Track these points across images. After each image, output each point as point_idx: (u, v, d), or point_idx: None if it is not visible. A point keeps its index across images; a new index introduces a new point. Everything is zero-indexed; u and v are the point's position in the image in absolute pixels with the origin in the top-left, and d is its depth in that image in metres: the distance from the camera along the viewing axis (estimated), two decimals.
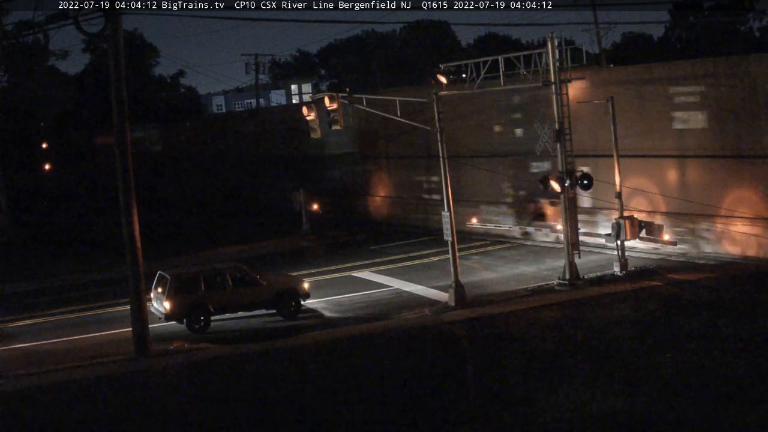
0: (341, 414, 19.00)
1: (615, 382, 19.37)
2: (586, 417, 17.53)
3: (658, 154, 34.24)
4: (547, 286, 30.34)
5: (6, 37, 50.36)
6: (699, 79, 32.98)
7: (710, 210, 32.47)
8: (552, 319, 25.60)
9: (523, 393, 19.31)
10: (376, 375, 22.03)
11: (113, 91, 24.81)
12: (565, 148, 29.74)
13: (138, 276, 25.33)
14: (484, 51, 61.97)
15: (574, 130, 30.78)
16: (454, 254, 28.83)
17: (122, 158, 24.97)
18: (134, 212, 25.14)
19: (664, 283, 29.20)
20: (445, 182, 29.12)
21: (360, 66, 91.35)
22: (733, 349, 21.21)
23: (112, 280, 36.49)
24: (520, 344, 23.49)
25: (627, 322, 24.64)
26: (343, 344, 25.12)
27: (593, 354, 21.94)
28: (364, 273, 35.79)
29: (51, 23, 25.93)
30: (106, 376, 23.54)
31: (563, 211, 30.21)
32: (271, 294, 28.73)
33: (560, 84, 29.73)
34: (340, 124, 29.76)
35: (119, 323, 28.90)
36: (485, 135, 41.96)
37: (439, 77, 31.68)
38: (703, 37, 71.79)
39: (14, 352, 27.23)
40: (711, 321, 23.98)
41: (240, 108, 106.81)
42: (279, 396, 20.73)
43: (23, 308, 33.55)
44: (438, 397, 19.62)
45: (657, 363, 20.62)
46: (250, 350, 25.30)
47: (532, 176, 37.39)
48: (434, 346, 24.39)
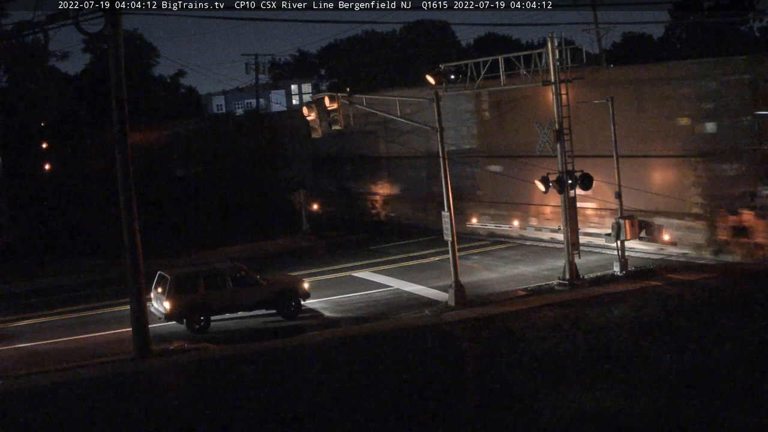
0: (341, 414, 19.00)
1: (615, 382, 19.38)
2: (586, 417, 17.54)
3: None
4: (547, 286, 30.36)
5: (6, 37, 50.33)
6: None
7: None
8: (552, 319, 25.61)
9: (523, 393, 19.31)
10: (376, 375, 22.03)
11: (113, 91, 24.81)
12: (565, 148, 29.80)
13: (138, 276, 25.32)
14: (484, 51, 61.95)
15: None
16: (454, 254, 28.84)
17: (122, 158, 24.97)
18: (134, 212, 25.14)
19: (664, 283, 29.21)
20: (445, 182, 29.12)
21: (360, 66, 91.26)
22: (733, 349, 21.23)
23: (112, 280, 36.51)
24: (520, 344, 23.50)
25: (627, 322, 24.66)
26: (343, 344, 25.12)
27: (593, 354, 21.95)
28: (364, 273, 35.80)
29: (51, 23, 25.87)
30: (106, 376, 23.55)
31: (563, 211, 30.22)
32: (271, 294, 28.74)
33: (560, 84, 29.77)
34: (340, 124, 29.78)
35: (119, 323, 28.91)
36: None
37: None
38: (703, 37, 71.74)
39: (14, 352, 27.24)
40: (711, 321, 24.01)
41: (240, 108, 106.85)
42: (279, 396, 20.74)
43: (23, 308, 33.56)
44: (438, 397, 19.63)
45: (657, 363, 20.63)
46: (250, 350, 25.30)
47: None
48: (434, 346, 24.39)
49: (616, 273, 30.84)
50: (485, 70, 31.50)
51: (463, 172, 41.53)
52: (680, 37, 78.72)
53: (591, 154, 33.88)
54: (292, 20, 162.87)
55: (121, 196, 25.11)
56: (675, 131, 33.68)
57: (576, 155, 30.54)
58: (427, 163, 43.40)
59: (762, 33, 73.87)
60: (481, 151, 42.35)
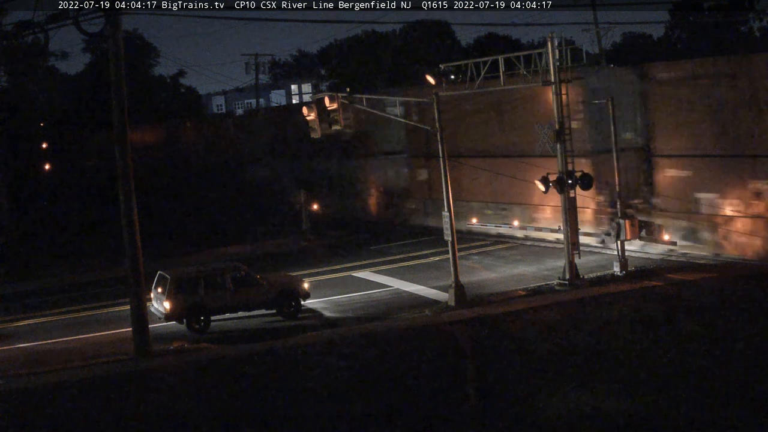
0: (341, 414, 19.00)
1: (615, 382, 19.38)
2: (586, 417, 17.53)
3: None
4: (547, 286, 30.35)
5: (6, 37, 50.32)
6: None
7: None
8: (552, 319, 25.60)
9: (523, 393, 19.30)
10: (376, 375, 22.02)
11: (113, 91, 24.81)
12: (565, 148, 29.79)
13: (138, 276, 25.32)
14: (484, 51, 61.88)
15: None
16: (454, 254, 28.83)
17: (122, 158, 24.96)
18: (134, 212, 25.14)
19: (664, 283, 29.20)
20: (445, 182, 29.11)
21: (360, 66, 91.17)
22: (733, 349, 21.23)
23: (112, 280, 36.50)
24: (520, 344, 23.50)
25: (627, 322, 24.65)
26: (343, 344, 25.10)
27: (593, 354, 21.94)
28: (364, 273, 35.80)
29: (51, 23, 25.87)
30: (106, 376, 23.54)
31: (563, 211, 30.21)
32: (271, 294, 28.75)
33: (560, 84, 29.76)
34: (340, 123, 29.76)
35: (119, 323, 28.91)
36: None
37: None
38: (703, 37, 71.72)
39: (14, 352, 27.24)
40: (711, 321, 23.99)
41: (240, 108, 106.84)
42: (279, 396, 20.73)
43: (23, 308, 33.56)
44: (438, 397, 19.62)
45: (657, 363, 20.62)
46: (250, 350, 25.28)
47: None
48: (434, 346, 24.38)
49: (616, 273, 30.84)
50: (485, 70, 31.49)
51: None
52: (680, 37, 78.74)
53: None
54: (292, 20, 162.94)
55: (121, 196, 25.11)
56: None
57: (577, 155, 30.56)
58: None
59: (762, 33, 73.85)
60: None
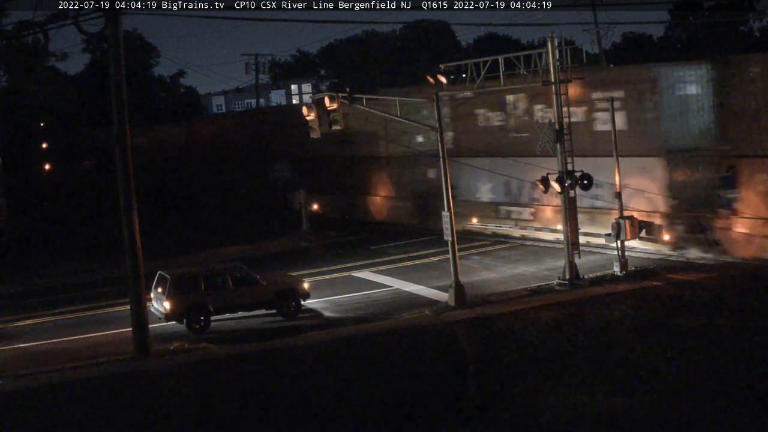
0: (341, 414, 19.00)
1: (615, 382, 19.38)
2: (586, 417, 17.54)
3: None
4: (547, 286, 30.33)
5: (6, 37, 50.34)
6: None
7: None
8: (552, 319, 25.60)
9: (523, 393, 19.31)
10: (376, 375, 22.03)
11: (113, 92, 24.80)
12: (565, 148, 29.79)
13: (138, 276, 25.31)
14: (484, 51, 61.91)
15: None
16: (454, 254, 28.82)
17: (122, 158, 24.96)
18: (134, 212, 25.14)
19: (664, 283, 29.20)
20: (445, 182, 29.11)
21: (360, 66, 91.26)
22: (733, 349, 21.23)
23: (112, 280, 36.47)
24: (520, 344, 23.50)
25: (627, 322, 24.65)
26: (343, 344, 25.11)
27: (593, 354, 21.95)
28: (364, 273, 35.79)
29: (51, 23, 25.89)
30: (106, 376, 23.53)
31: (563, 211, 30.21)
32: (271, 294, 28.73)
33: (560, 84, 29.76)
34: (340, 124, 29.74)
35: (119, 323, 28.88)
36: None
37: (439, 77, 31.55)
38: (703, 37, 71.77)
39: (14, 352, 27.22)
40: (711, 321, 23.99)
41: (240, 108, 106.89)
42: (279, 396, 20.73)
43: (23, 308, 33.52)
44: (438, 397, 19.63)
45: (657, 363, 20.63)
46: (250, 350, 25.29)
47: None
48: (434, 346, 24.39)
49: (616, 273, 30.83)
50: (485, 70, 31.48)
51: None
52: (680, 37, 78.79)
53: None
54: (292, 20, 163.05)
55: (121, 196, 25.10)
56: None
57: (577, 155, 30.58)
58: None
59: (762, 33, 73.90)
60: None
